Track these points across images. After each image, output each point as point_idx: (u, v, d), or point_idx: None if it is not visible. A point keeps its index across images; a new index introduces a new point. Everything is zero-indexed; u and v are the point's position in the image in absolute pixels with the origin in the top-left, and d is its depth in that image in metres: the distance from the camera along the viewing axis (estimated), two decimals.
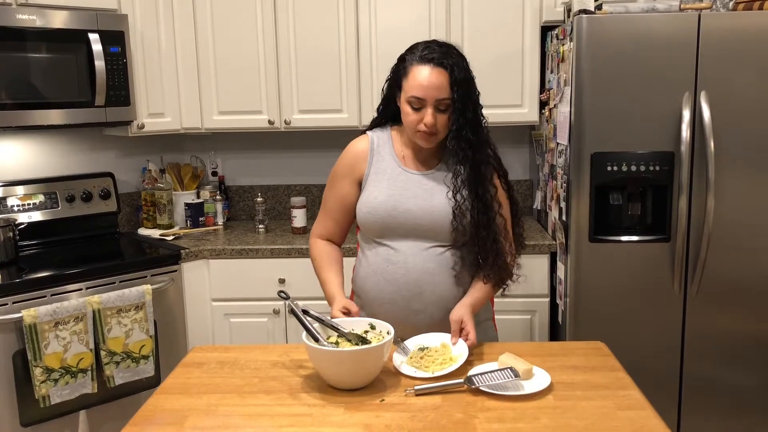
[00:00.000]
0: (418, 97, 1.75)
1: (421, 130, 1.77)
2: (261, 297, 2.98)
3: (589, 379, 1.62)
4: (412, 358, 1.69)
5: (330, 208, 1.97)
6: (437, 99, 1.74)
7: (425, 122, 1.75)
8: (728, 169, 2.57)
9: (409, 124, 1.79)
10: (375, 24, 3.11)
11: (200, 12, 3.15)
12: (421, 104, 1.75)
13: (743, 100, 2.54)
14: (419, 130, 1.78)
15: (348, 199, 1.92)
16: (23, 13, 2.64)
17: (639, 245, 2.65)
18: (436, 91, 1.73)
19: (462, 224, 1.79)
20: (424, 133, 1.78)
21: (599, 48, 2.55)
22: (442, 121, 1.77)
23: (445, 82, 1.73)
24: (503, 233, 1.85)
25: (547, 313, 2.99)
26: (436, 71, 1.73)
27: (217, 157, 3.62)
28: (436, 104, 1.75)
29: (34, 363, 2.42)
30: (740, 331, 2.68)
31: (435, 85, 1.73)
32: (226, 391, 1.60)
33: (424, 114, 1.75)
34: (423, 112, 1.76)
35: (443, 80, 1.73)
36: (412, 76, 1.76)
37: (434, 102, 1.74)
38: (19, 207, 2.98)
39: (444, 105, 1.76)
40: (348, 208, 1.93)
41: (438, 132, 1.78)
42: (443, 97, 1.74)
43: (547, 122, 3.04)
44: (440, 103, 1.75)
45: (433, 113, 1.75)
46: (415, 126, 1.78)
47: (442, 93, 1.74)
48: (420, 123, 1.76)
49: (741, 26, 2.51)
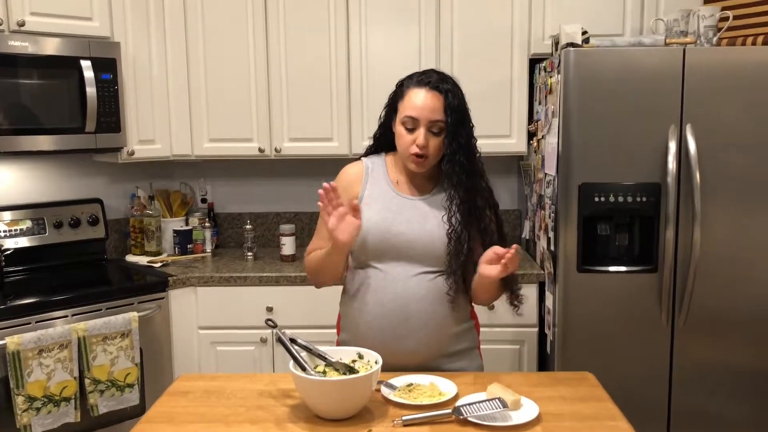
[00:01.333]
0: (412, 117, 1.79)
1: (413, 152, 1.80)
2: (248, 325, 2.96)
3: (578, 410, 1.61)
4: (400, 391, 1.68)
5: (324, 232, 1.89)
6: (431, 120, 1.78)
7: (417, 143, 1.79)
8: (714, 201, 2.60)
9: (403, 146, 1.83)
10: (366, 54, 3.15)
11: (192, 40, 3.17)
12: (415, 125, 1.79)
13: (728, 132, 2.58)
14: (411, 153, 1.80)
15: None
16: (16, 40, 2.65)
17: (626, 276, 2.67)
18: (429, 112, 1.78)
19: (456, 249, 1.80)
20: (416, 156, 1.80)
21: (586, 80, 2.59)
22: (434, 144, 1.80)
23: (439, 105, 1.78)
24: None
25: (535, 343, 2.98)
26: (432, 94, 1.79)
27: (206, 184, 3.62)
28: (429, 126, 1.79)
29: (16, 391, 2.38)
30: (728, 362, 2.68)
31: (429, 107, 1.78)
32: (211, 421, 1.58)
33: (416, 135, 1.79)
34: (416, 133, 1.79)
35: (438, 103, 1.78)
36: (408, 97, 1.81)
37: (427, 123, 1.78)
38: (6, 232, 2.96)
39: (437, 128, 1.79)
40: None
41: (429, 156, 1.81)
42: (437, 119, 1.78)
43: (535, 153, 3.06)
44: (434, 125, 1.79)
45: (425, 135, 1.79)
46: (408, 147, 1.81)
47: (435, 115, 1.78)
48: (412, 145, 1.79)
49: (725, 61, 2.56)
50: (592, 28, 2.90)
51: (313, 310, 2.91)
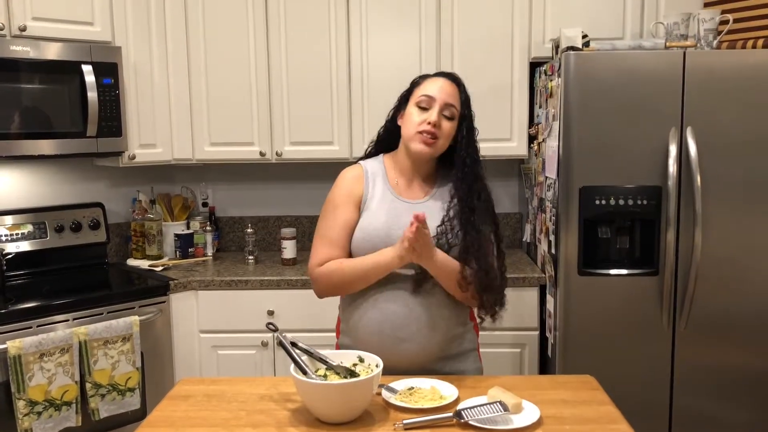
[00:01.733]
0: (429, 95, 1.84)
1: (424, 129, 1.81)
2: (249, 329, 2.96)
3: (579, 413, 1.61)
4: (401, 395, 1.68)
5: (334, 236, 1.88)
6: (446, 102, 1.83)
7: (430, 120, 1.81)
8: (715, 203, 2.60)
9: (412, 125, 1.84)
10: (366, 58, 3.15)
11: (193, 44, 3.18)
12: (430, 104, 1.83)
13: (728, 135, 2.58)
14: (422, 130, 1.82)
15: (352, 225, 1.88)
16: (17, 44, 2.66)
17: (627, 279, 2.66)
18: (447, 95, 1.84)
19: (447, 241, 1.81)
20: (426, 134, 1.82)
21: (587, 84, 2.59)
22: (446, 127, 1.84)
23: (455, 93, 1.87)
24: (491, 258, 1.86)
25: (536, 347, 2.98)
26: (449, 82, 1.88)
27: (207, 188, 3.63)
28: (443, 108, 1.83)
29: (17, 395, 2.38)
30: (729, 365, 2.68)
31: (447, 91, 1.85)
32: (212, 425, 1.58)
33: (430, 114, 1.82)
34: (429, 112, 1.82)
35: (455, 91, 1.87)
36: (425, 83, 1.89)
37: (442, 105, 1.83)
38: (7, 237, 2.97)
39: (450, 113, 1.84)
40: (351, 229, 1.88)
41: (438, 138, 1.83)
42: (452, 103, 1.84)
43: (536, 156, 3.07)
44: (447, 109, 1.84)
45: (439, 114, 1.82)
46: (418, 126, 1.82)
47: (451, 99, 1.85)
48: (424, 123, 1.81)
49: (725, 64, 2.56)
50: (592, 32, 2.90)
51: (314, 313, 2.90)
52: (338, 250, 1.87)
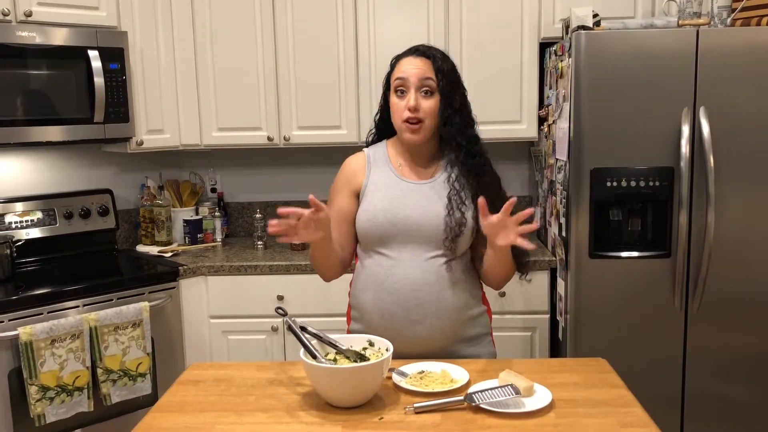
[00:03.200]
0: (401, 78, 1.80)
1: (406, 117, 1.79)
2: (259, 314, 2.96)
3: (591, 396, 1.60)
4: (412, 378, 1.67)
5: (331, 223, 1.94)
6: (419, 79, 1.79)
7: (408, 105, 1.78)
8: (728, 184, 2.57)
9: (396, 114, 1.82)
10: (374, 41, 3.12)
11: (199, 29, 3.16)
12: (405, 86, 1.80)
13: (742, 114, 2.54)
14: (404, 118, 1.80)
15: (346, 212, 1.90)
16: (23, 30, 2.65)
17: (639, 261, 2.64)
18: (418, 71, 1.80)
19: (458, 224, 1.79)
20: (409, 121, 1.79)
21: (598, 64, 2.55)
22: (427, 105, 1.80)
23: (428, 67, 1.81)
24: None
25: (547, 330, 2.97)
26: (420, 59, 1.83)
27: (216, 173, 3.62)
28: (419, 86, 1.79)
29: (29, 381, 2.40)
30: (742, 347, 2.66)
31: (417, 66, 1.81)
32: (222, 409, 1.58)
33: (407, 99, 1.79)
34: (407, 96, 1.79)
35: (427, 65, 1.81)
36: (398, 66, 1.84)
37: (417, 83, 1.79)
38: (17, 224, 2.98)
39: (428, 87, 1.80)
40: (347, 221, 1.90)
41: (422, 119, 1.80)
42: (426, 77, 1.79)
43: (546, 138, 3.04)
44: (423, 85, 1.79)
45: (416, 96, 1.79)
46: (401, 115, 1.80)
47: (425, 74, 1.80)
48: (405, 110, 1.79)
49: (739, 42, 2.52)
50: (603, 11, 2.86)
51: (324, 298, 2.90)
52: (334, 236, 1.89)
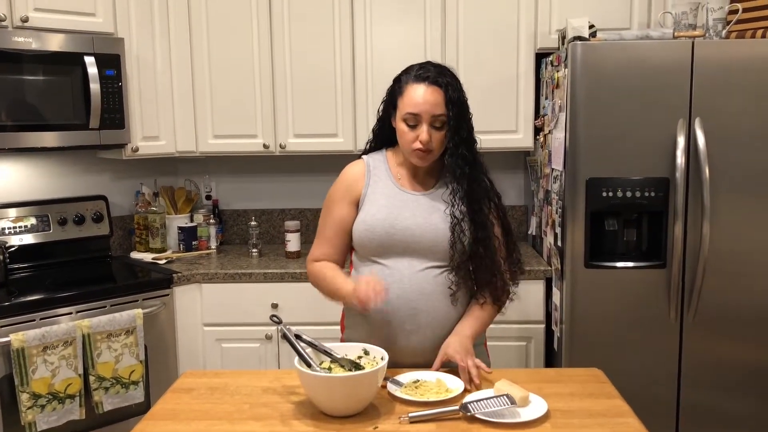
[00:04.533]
0: (413, 114, 1.77)
1: (417, 148, 1.79)
2: (253, 322, 2.95)
3: (587, 407, 1.59)
4: (407, 388, 1.66)
5: (328, 233, 1.93)
6: (433, 115, 1.77)
7: (421, 139, 1.77)
8: (723, 195, 2.58)
9: (405, 142, 1.81)
10: (371, 49, 3.13)
11: (196, 36, 3.16)
12: (417, 121, 1.78)
13: (737, 126, 2.55)
14: (415, 148, 1.79)
15: (346, 222, 1.89)
16: (20, 36, 2.64)
17: (635, 271, 2.64)
18: (431, 107, 1.76)
19: (460, 241, 1.79)
20: (420, 151, 1.79)
21: (594, 75, 2.56)
22: (437, 138, 1.79)
23: (440, 99, 1.77)
24: (499, 252, 1.85)
25: (542, 340, 2.96)
26: (432, 89, 1.77)
27: (211, 180, 3.61)
28: (432, 121, 1.78)
29: (20, 388, 2.37)
30: (737, 358, 2.66)
31: (430, 102, 1.76)
32: (215, 418, 1.56)
33: (419, 131, 1.77)
34: (419, 130, 1.78)
35: (438, 98, 1.77)
36: (408, 94, 1.79)
37: (430, 119, 1.77)
38: (10, 229, 2.96)
39: (439, 122, 1.78)
40: (346, 231, 1.90)
41: (433, 150, 1.80)
42: (438, 114, 1.77)
43: (542, 148, 3.04)
44: (435, 120, 1.78)
45: (428, 130, 1.77)
46: (411, 144, 1.80)
47: (437, 110, 1.77)
48: (416, 141, 1.78)
49: (734, 54, 2.53)
50: (599, 22, 2.87)
51: (318, 306, 2.86)
52: (331, 247, 1.92)
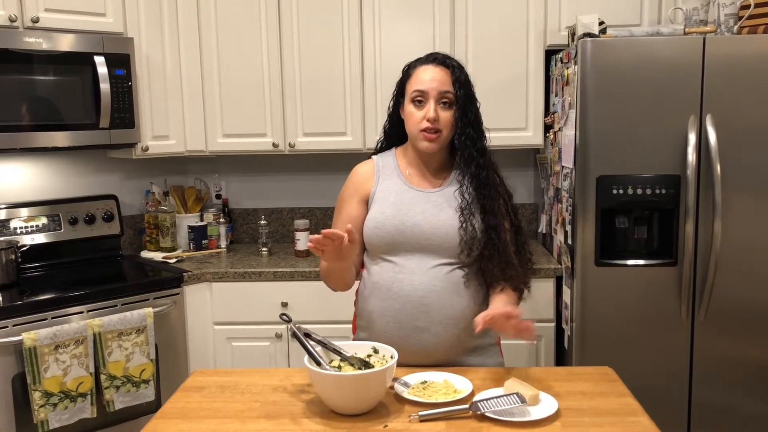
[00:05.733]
0: (421, 90, 1.79)
1: (424, 128, 1.78)
2: (263, 321, 2.95)
3: (597, 405, 1.59)
4: (414, 389, 1.66)
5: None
6: (440, 92, 1.78)
7: (428, 116, 1.77)
8: (735, 193, 2.55)
9: (413, 124, 1.81)
10: (379, 48, 3.12)
11: (205, 35, 3.17)
12: (424, 98, 1.79)
13: (749, 123, 2.53)
14: (422, 128, 1.79)
15: (356, 220, 1.88)
16: (30, 36, 2.65)
17: (645, 269, 2.63)
18: (438, 84, 1.79)
19: (471, 234, 1.78)
20: (427, 132, 1.79)
21: (604, 71, 2.55)
22: (445, 117, 1.80)
23: (447, 78, 1.80)
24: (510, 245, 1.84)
25: (552, 338, 2.95)
26: (439, 68, 1.81)
27: (221, 179, 3.62)
28: (439, 98, 1.79)
29: (33, 387, 2.39)
30: (749, 357, 2.64)
31: (438, 79, 1.79)
32: (226, 416, 1.57)
33: (427, 110, 1.78)
34: (426, 107, 1.78)
35: (446, 77, 1.80)
36: (416, 75, 1.82)
37: (437, 95, 1.78)
38: (22, 229, 2.98)
39: (447, 99, 1.79)
40: (357, 230, 1.87)
41: (441, 130, 1.79)
42: (445, 90, 1.79)
43: (552, 145, 3.03)
44: (443, 97, 1.79)
45: (435, 108, 1.78)
46: (419, 124, 1.79)
47: (444, 86, 1.79)
48: (423, 120, 1.78)
49: (746, 50, 2.51)
50: (608, 19, 2.85)
51: (328, 305, 2.89)
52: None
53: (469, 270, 1.84)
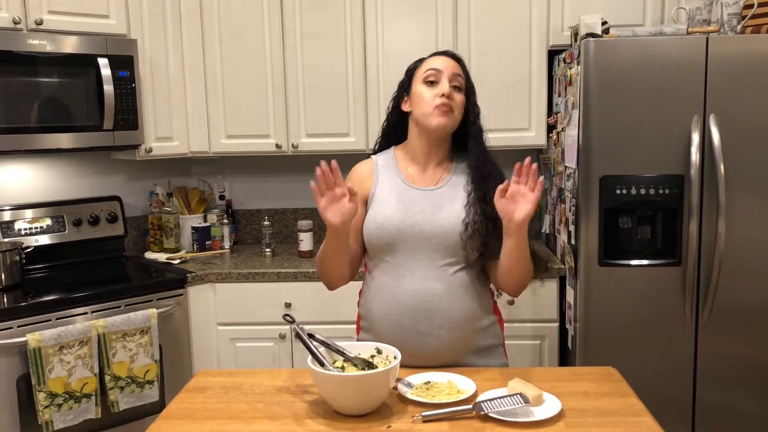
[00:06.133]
0: (435, 68, 1.82)
1: (439, 104, 1.79)
2: (267, 321, 2.96)
3: (601, 405, 1.58)
4: (418, 389, 1.66)
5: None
6: (453, 73, 1.83)
7: (443, 90, 1.79)
8: (739, 192, 2.55)
9: (426, 102, 1.81)
10: (382, 48, 3.13)
11: (208, 37, 3.17)
12: (438, 77, 1.82)
13: (753, 122, 2.53)
14: (437, 104, 1.79)
15: (357, 220, 1.86)
16: (34, 38, 2.66)
17: (649, 269, 2.62)
18: (452, 66, 1.84)
19: (472, 234, 1.77)
20: (442, 106, 1.79)
21: (607, 71, 2.54)
22: (457, 98, 1.83)
23: (458, 66, 1.86)
24: None
25: (556, 339, 2.95)
26: (449, 58, 1.87)
27: (224, 180, 3.63)
28: (452, 79, 1.82)
29: (37, 387, 2.40)
30: (754, 357, 2.63)
31: (450, 63, 1.85)
32: (229, 417, 1.57)
33: (440, 87, 1.81)
34: (440, 86, 1.81)
35: (456, 64, 1.86)
36: (426, 62, 1.88)
37: (450, 75, 1.82)
38: (26, 230, 2.99)
39: (458, 84, 1.83)
40: (355, 229, 1.87)
41: (454, 109, 1.81)
42: (458, 73, 1.84)
43: (555, 146, 3.03)
44: (455, 80, 1.83)
45: (450, 85, 1.81)
46: (432, 101, 1.80)
47: (456, 69, 1.84)
48: (437, 97, 1.80)
49: (749, 49, 2.50)
50: (612, 19, 2.85)
51: (332, 305, 2.89)
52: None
53: (473, 269, 1.83)
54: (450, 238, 1.78)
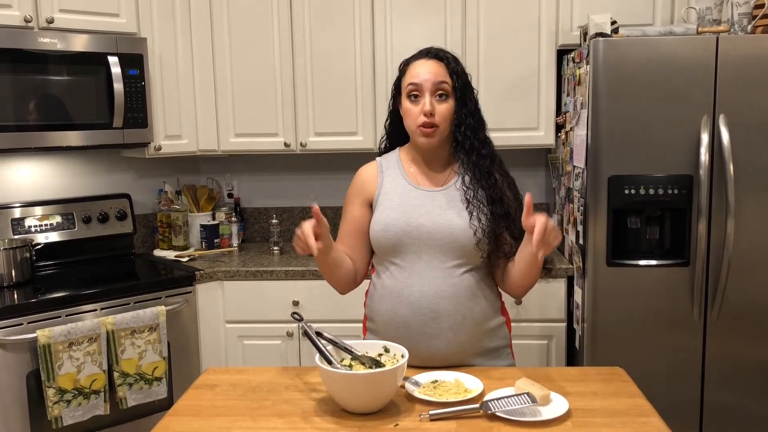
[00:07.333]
0: (415, 83, 1.76)
1: (421, 123, 1.76)
2: (275, 319, 2.97)
3: (608, 406, 1.58)
4: (425, 388, 1.66)
5: (342, 233, 1.91)
6: (434, 83, 1.76)
7: (424, 110, 1.75)
8: (748, 193, 2.54)
9: (411, 121, 1.79)
10: (390, 47, 3.13)
11: (218, 35, 3.18)
12: (419, 91, 1.76)
13: (763, 123, 2.52)
14: (419, 123, 1.76)
15: (359, 222, 1.88)
16: (45, 37, 2.68)
17: (657, 269, 2.62)
18: (433, 75, 1.76)
19: (479, 234, 1.76)
20: (424, 127, 1.76)
21: (616, 71, 2.54)
22: (441, 110, 1.77)
23: (442, 70, 1.78)
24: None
25: (564, 338, 2.95)
26: (432, 61, 1.79)
27: (233, 179, 3.64)
28: (434, 89, 1.76)
29: (47, 383, 2.41)
30: (762, 358, 2.62)
31: (432, 72, 1.77)
32: (238, 414, 1.58)
33: (423, 104, 1.76)
34: (422, 102, 1.76)
35: (440, 69, 1.78)
36: (410, 70, 1.81)
37: (432, 87, 1.76)
38: (36, 227, 3.01)
39: (443, 91, 1.77)
40: (360, 231, 1.88)
41: (438, 124, 1.76)
42: (440, 81, 1.76)
43: (564, 145, 3.02)
44: (438, 88, 1.76)
45: (431, 101, 1.76)
46: (416, 120, 1.77)
47: (439, 77, 1.76)
48: (420, 115, 1.76)
49: (759, 49, 2.49)
50: (621, 18, 2.84)
51: (339, 303, 2.88)
52: (345, 246, 1.90)
53: (481, 271, 1.83)
54: (457, 239, 1.77)
